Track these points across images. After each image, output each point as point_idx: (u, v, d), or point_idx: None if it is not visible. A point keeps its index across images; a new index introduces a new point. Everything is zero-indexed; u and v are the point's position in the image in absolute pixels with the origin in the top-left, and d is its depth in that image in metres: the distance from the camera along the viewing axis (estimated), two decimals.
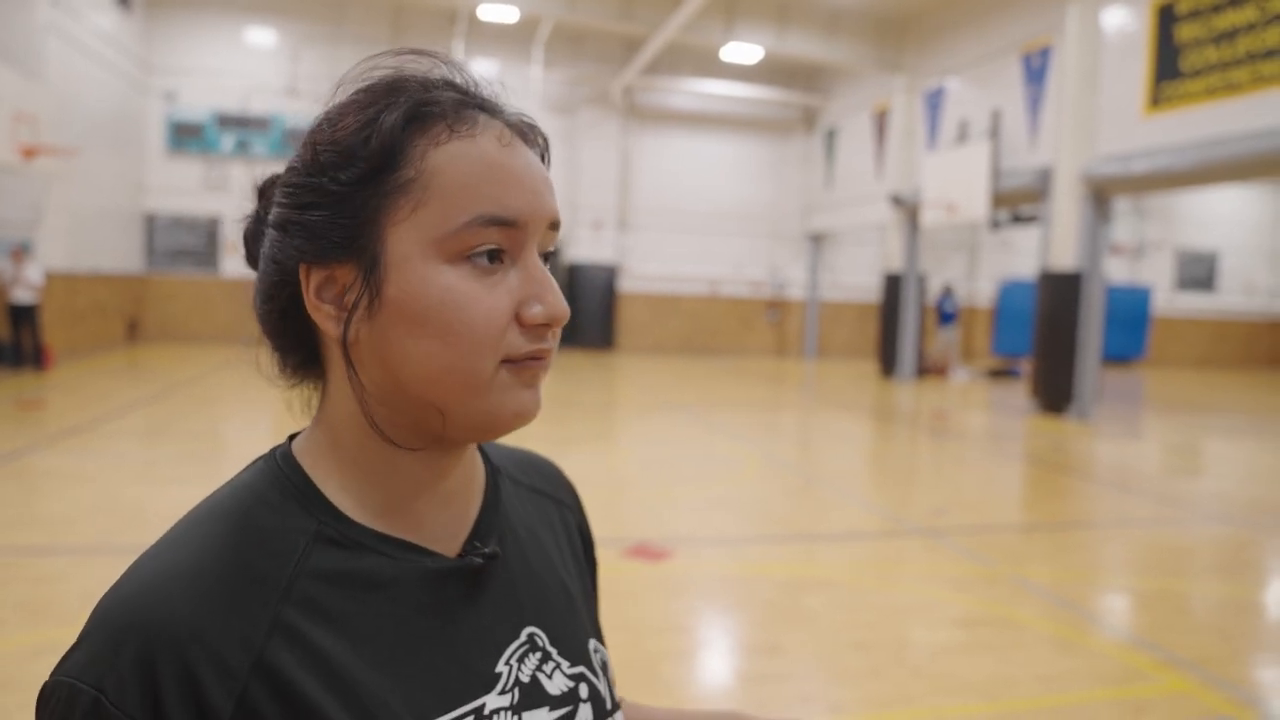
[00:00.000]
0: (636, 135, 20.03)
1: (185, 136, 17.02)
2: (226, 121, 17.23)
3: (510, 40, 18.52)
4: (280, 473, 0.65)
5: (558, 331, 0.66)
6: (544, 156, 0.70)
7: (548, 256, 0.67)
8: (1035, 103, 13.28)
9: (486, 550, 0.69)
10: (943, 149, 15.32)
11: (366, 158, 0.62)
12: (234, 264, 17.53)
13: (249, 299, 0.68)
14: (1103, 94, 11.85)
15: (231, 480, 0.67)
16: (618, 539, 5.46)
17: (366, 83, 0.66)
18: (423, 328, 0.61)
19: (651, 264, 20.37)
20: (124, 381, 11.87)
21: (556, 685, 0.71)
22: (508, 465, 0.81)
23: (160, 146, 17.09)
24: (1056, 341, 12.11)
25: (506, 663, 0.68)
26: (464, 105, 0.65)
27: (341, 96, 0.66)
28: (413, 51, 0.67)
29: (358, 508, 0.65)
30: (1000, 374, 17.69)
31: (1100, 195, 11.97)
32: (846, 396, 13.96)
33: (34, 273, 11.87)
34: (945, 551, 5.54)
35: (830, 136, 19.99)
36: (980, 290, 22.37)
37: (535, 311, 0.63)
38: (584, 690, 0.73)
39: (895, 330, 16.51)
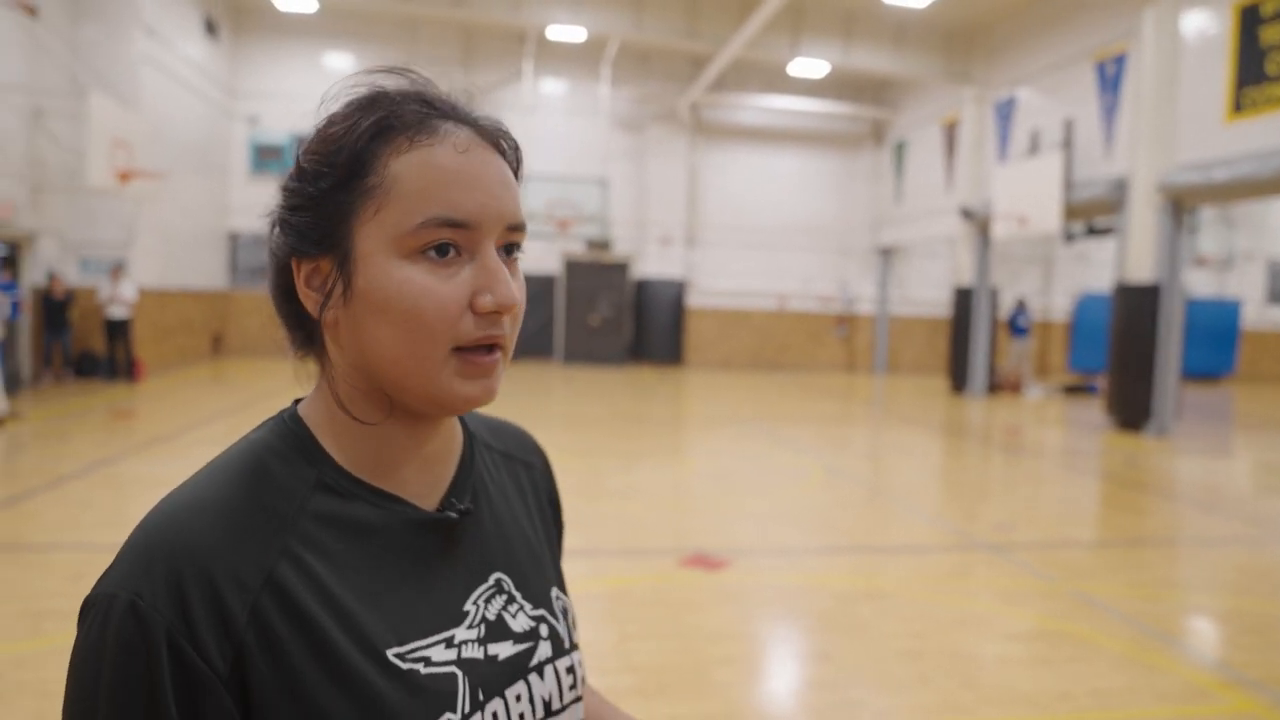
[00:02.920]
0: (704, 151, 20.13)
1: (266, 158, 17.70)
2: None
3: (579, 59, 18.82)
4: (288, 429, 0.76)
5: (517, 319, 0.74)
6: (513, 162, 0.77)
7: (513, 250, 0.75)
8: (1110, 111, 12.98)
9: (461, 506, 0.79)
10: (1014, 160, 15.05)
11: (339, 167, 0.71)
12: None
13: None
14: (1181, 101, 11.53)
15: (246, 435, 0.77)
16: (676, 549, 5.52)
17: (346, 100, 0.74)
18: (384, 315, 0.70)
19: (720, 279, 20.40)
20: (209, 393, 12.38)
21: (519, 624, 0.80)
22: (483, 432, 0.91)
23: (243, 168, 17.80)
24: (1133, 356, 11.78)
25: (474, 602, 0.78)
26: (428, 117, 0.72)
27: (325, 112, 0.74)
28: (389, 69, 0.75)
29: (351, 463, 0.75)
30: (1076, 390, 17.24)
31: (1179, 205, 11.63)
32: (915, 412, 13.77)
33: (128, 289, 12.48)
34: (1006, 566, 5.46)
35: (899, 149, 19.80)
36: (1056, 305, 21.84)
37: (485, 300, 0.70)
38: (544, 630, 0.82)
39: (966, 345, 16.23)
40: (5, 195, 11.24)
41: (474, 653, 0.75)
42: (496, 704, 0.75)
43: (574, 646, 0.85)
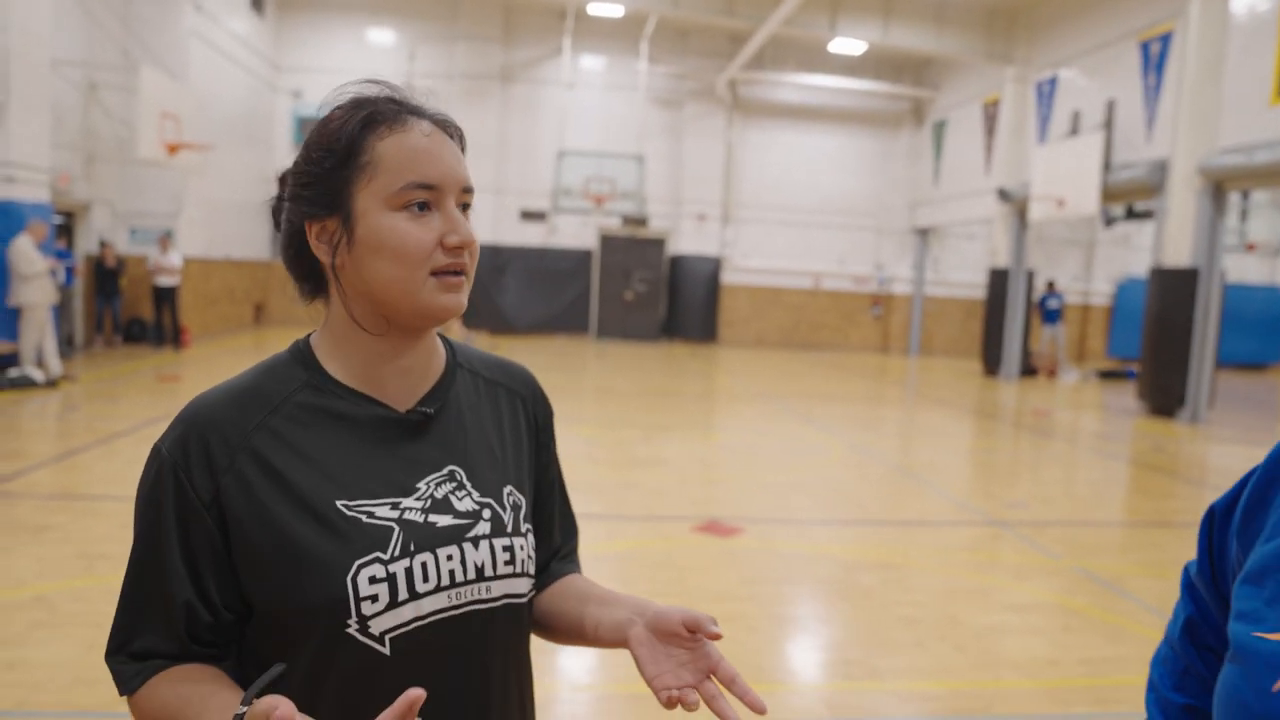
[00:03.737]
0: (741, 129, 20.12)
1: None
2: None
3: (617, 36, 18.88)
4: (296, 348, 1.02)
5: (474, 255, 0.98)
6: (460, 143, 1.02)
7: (466, 207, 1.00)
8: (1153, 92, 12.80)
9: (426, 410, 1.01)
10: (1053, 141, 14.90)
11: (339, 151, 0.96)
12: None
13: None
14: (1226, 82, 11.35)
15: (272, 356, 1.04)
16: (692, 516, 5.70)
17: (338, 102, 0.99)
18: (379, 253, 0.94)
19: (755, 257, 20.44)
20: (249, 360, 12.64)
21: (464, 505, 1.00)
22: (476, 364, 1.12)
23: (287, 141, 18.16)
24: (1168, 341, 11.69)
25: (426, 483, 0.99)
26: (400, 112, 0.98)
27: (322, 112, 0.99)
28: (366, 81, 1.01)
29: (340, 372, 1.00)
30: (1112, 375, 17.08)
31: (1219, 188, 11.48)
32: (945, 393, 13.79)
33: (174, 258, 12.88)
34: (1013, 542, 5.57)
35: (939, 129, 19.63)
36: (1097, 289, 21.57)
37: (452, 238, 0.96)
38: (487, 513, 1.02)
39: (1000, 328, 16.16)
40: (62, 166, 11.65)
41: (414, 517, 0.96)
42: (426, 556, 0.96)
43: (518, 533, 1.03)
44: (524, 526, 1.06)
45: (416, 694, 0.78)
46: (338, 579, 0.91)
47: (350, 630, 0.92)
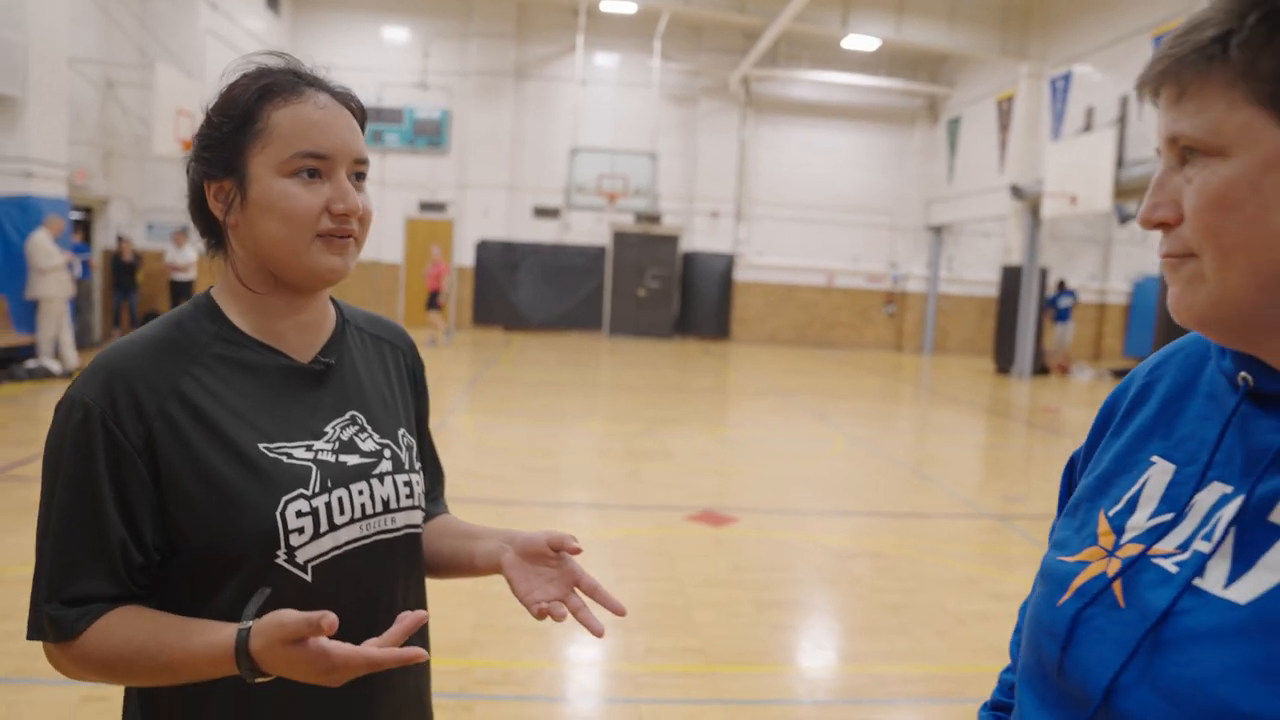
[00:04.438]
0: (754, 125, 20.12)
1: None
2: None
3: (630, 33, 18.93)
4: (201, 302, 1.08)
5: (364, 222, 1.05)
6: (359, 117, 1.08)
7: (360, 177, 1.06)
8: None
9: (326, 360, 1.10)
10: (1067, 138, 14.82)
11: (236, 117, 1.02)
12: (367, 249, 18.61)
13: (379, 281, 1.10)
14: None
15: (174, 308, 1.08)
16: (687, 506, 5.74)
17: (241, 72, 1.04)
18: (270, 214, 1.01)
19: (768, 254, 20.43)
20: None
21: (367, 446, 1.10)
22: (359, 320, 1.21)
23: None
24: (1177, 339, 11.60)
25: (332, 427, 1.08)
26: (299, 84, 1.03)
27: (227, 80, 1.04)
28: (270, 53, 1.07)
29: (245, 325, 1.07)
30: (1126, 374, 16.96)
31: None
32: (955, 390, 13.76)
33: (189, 253, 13.05)
34: (1007, 534, 5.58)
35: (953, 126, 19.56)
36: (1114, 287, 21.41)
37: (338, 206, 1.02)
38: (387, 453, 1.12)
39: (1013, 325, 16.08)
40: (79, 162, 11.83)
41: (327, 458, 1.05)
42: (341, 492, 1.05)
43: (413, 470, 1.15)
44: (416, 465, 1.16)
45: (331, 619, 0.86)
46: (268, 514, 0.99)
47: (279, 560, 0.99)
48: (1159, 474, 0.74)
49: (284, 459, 1.02)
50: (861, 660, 3.57)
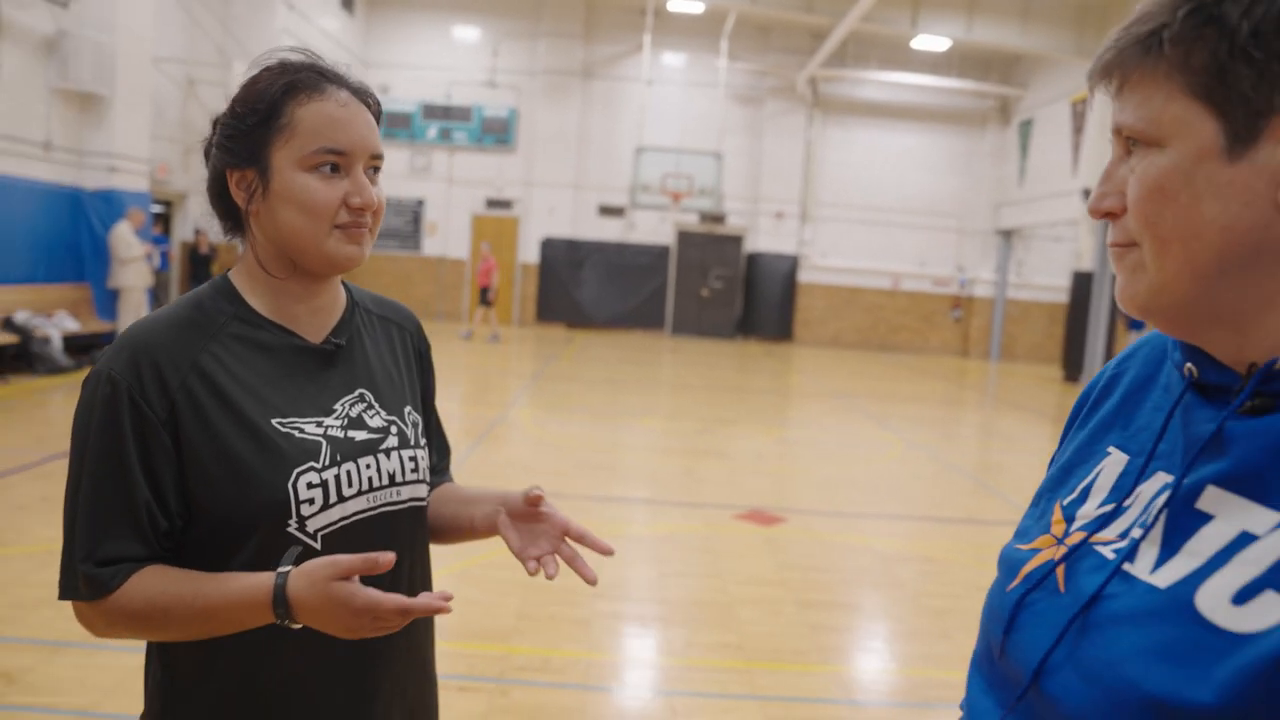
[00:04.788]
0: (821, 126, 19.94)
1: (395, 126, 18.57)
2: (431, 112, 18.68)
3: (697, 32, 18.92)
4: (219, 284, 1.14)
5: (378, 216, 1.11)
6: (376, 112, 1.13)
7: (376, 171, 1.12)
8: None
9: (337, 341, 1.15)
10: None
11: (260, 111, 1.07)
12: (434, 244, 18.98)
13: (445, 276, 1.16)
14: None
15: (195, 289, 1.14)
16: (736, 505, 5.75)
17: (264, 65, 1.09)
18: (289, 206, 1.07)
19: (833, 256, 20.23)
20: None
21: (374, 422, 1.15)
22: (368, 303, 1.26)
23: None
24: None
25: (342, 404, 1.13)
26: (321, 80, 1.08)
27: (252, 72, 1.10)
28: (292, 49, 1.11)
29: (261, 306, 1.12)
30: None
31: None
32: (1021, 398, 13.46)
33: None
34: None
35: (1025, 128, 19.11)
36: None
37: (355, 200, 1.07)
38: (394, 429, 1.17)
39: (1083, 332, 15.67)
40: (161, 157, 12.30)
41: (337, 433, 1.11)
42: (350, 465, 1.10)
43: (418, 445, 1.20)
44: (421, 440, 1.22)
45: (389, 556, 0.94)
46: (280, 486, 1.05)
47: (290, 529, 1.05)
48: (1113, 464, 0.75)
49: (295, 434, 1.07)
50: (900, 663, 3.54)
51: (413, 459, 1.18)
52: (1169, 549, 0.63)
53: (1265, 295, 0.63)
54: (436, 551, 1.32)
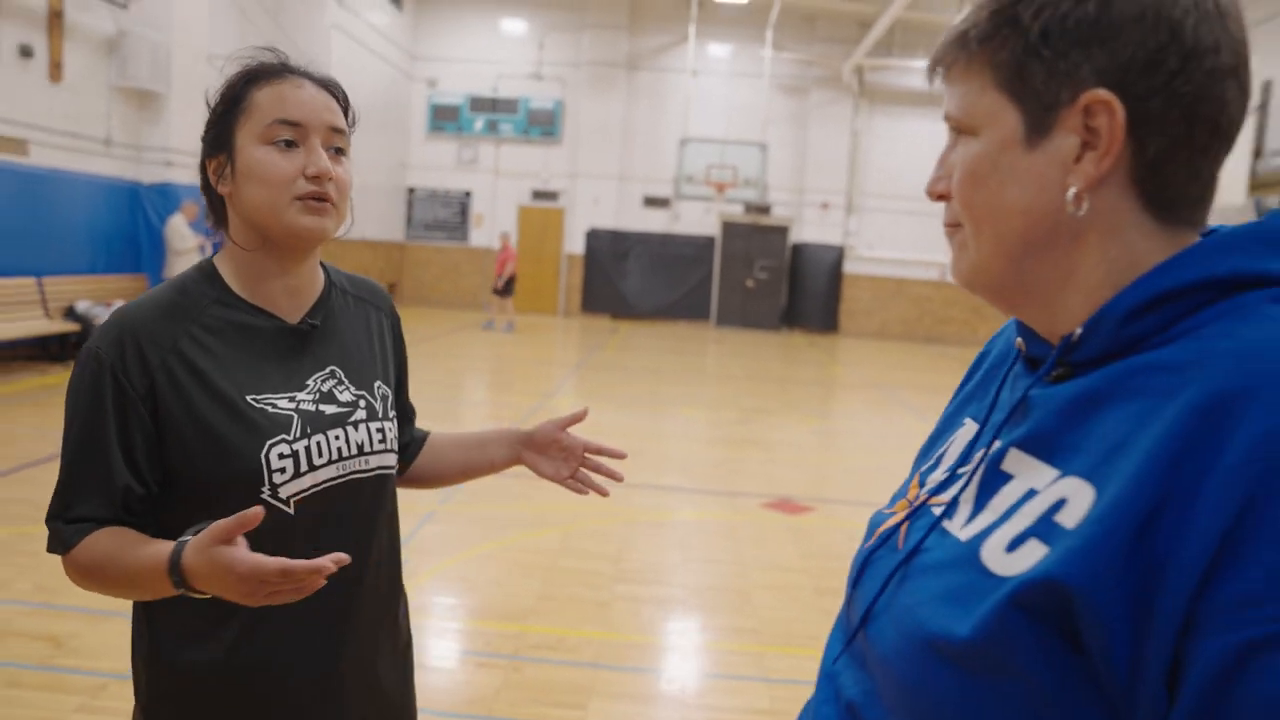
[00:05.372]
0: (867, 116, 19.75)
1: (443, 119, 18.84)
2: (479, 104, 18.90)
3: (742, 23, 18.86)
4: (205, 269, 1.23)
5: (341, 188, 1.18)
6: (343, 103, 1.22)
7: (339, 151, 1.19)
8: None
9: (312, 321, 1.24)
10: None
11: (226, 99, 1.18)
12: (481, 235, 19.22)
13: (492, 267, 1.31)
14: None
15: (182, 272, 1.24)
16: (766, 494, 5.80)
17: (237, 62, 1.20)
18: (252, 179, 1.15)
19: (879, 247, 20.04)
20: None
21: (344, 397, 1.25)
22: (344, 283, 1.35)
23: (421, 128, 19.02)
24: None
25: (314, 379, 1.23)
26: (283, 71, 1.19)
27: (226, 73, 1.20)
28: (264, 49, 1.21)
29: (241, 289, 1.21)
30: None
31: None
32: None
33: None
34: None
35: None
36: None
37: (310, 169, 1.15)
38: (363, 403, 1.27)
39: None
40: None
41: (308, 407, 1.21)
42: (320, 438, 1.20)
43: (386, 418, 1.30)
44: (390, 413, 1.31)
45: (257, 511, 0.97)
46: (254, 456, 1.14)
47: (264, 496, 1.15)
48: (965, 433, 0.81)
49: (269, 408, 1.17)
50: None
51: (380, 430, 1.27)
52: (978, 507, 0.69)
53: (1064, 273, 0.69)
54: (469, 534, 1.47)
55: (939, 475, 0.79)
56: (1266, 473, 0.51)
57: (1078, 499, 0.59)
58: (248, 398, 1.16)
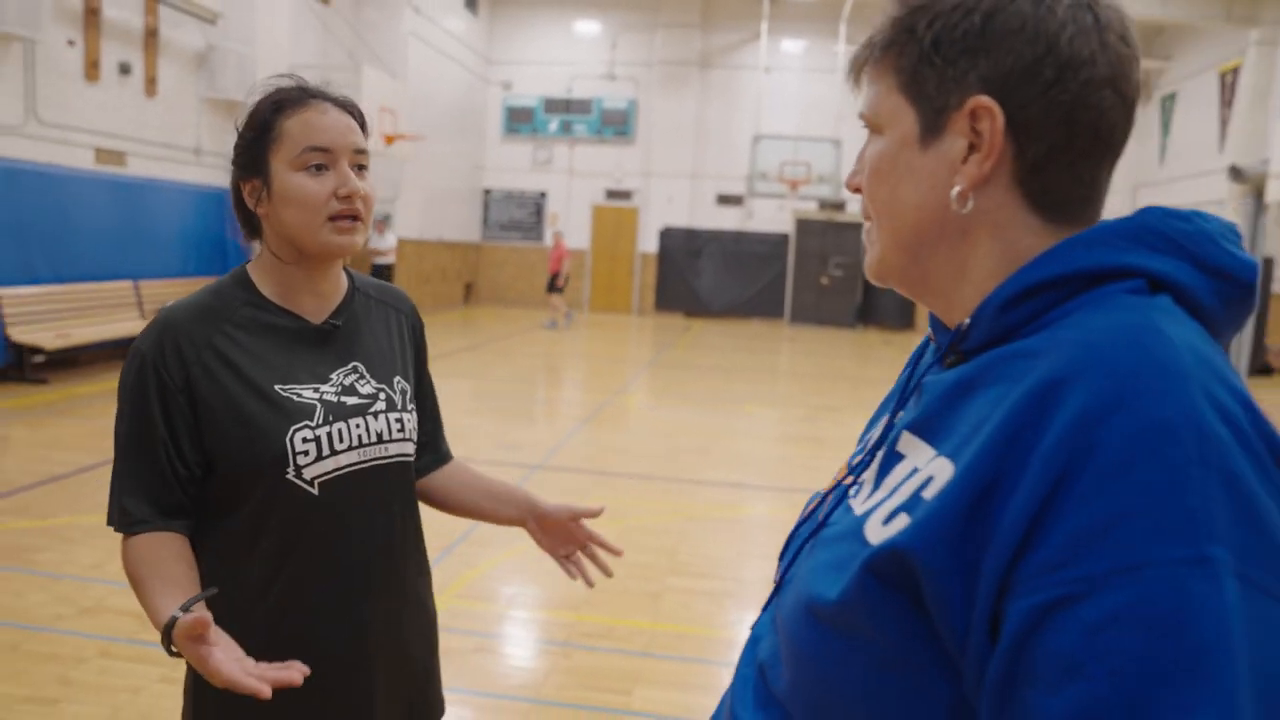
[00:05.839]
0: None
1: (517, 121, 19.18)
2: (553, 106, 19.18)
3: (815, 18, 18.71)
4: (239, 275, 1.36)
5: (368, 203, 1.30)
6: (359, 120, 1.33)
7: (361, 168, 1.30)
8: None
9: (335, 322, 1.36)
10: None
11: (257, 128, 1.29)
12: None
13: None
14: None
15: (219, 279, 1.37)
16: (798, 489, 5.79)
17: (261, 92, 1.31)
18: (288, 204, 1.27)
19: None
20: (453, 334, 13.88)
21: (365, 389, 1.36)
22: (369, 288, 1.47)
23: (497, 130, 19.39)
24: None
25: (336, 373, 1.34)
26: (304, 96, 1.29)
27: (251, 100, 1.31)
28: (283, 75, 1.33)
29: (270, 293, 1.34)
30: None
31: None
32: None
33: (389, 239, 14.20)
34: None
35: (1167, 103, 18.05)
36: None
37: (342, 190, 1.27)
38: (382, 395, 1.37)
39: None
40: None
41: (331, 398, 1.32)
42: (340, 425, 1.31)
43: (405, 409, 1.40)
44: (410, 405, 1.42)
45: (303, 668, 1.06)
46: (279, 439, 1.26)
47: (289, 476, 1.27)
48: (884, 419, 0.87)
49: (294, 397, 1.29)
50: None
51: (398, 420, 1.38)
52: (875, 485, 0.75)
53: (957, 267, 0.74)
54: (518, 530, 1.55)
55: (860, 457, 0.85)
56: (1077, 450, 0.56)
57: (940, 476, 0.64)
58: (276, 386, 1.28)
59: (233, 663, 1.05)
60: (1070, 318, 0.66)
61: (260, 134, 1.28)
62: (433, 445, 1.56)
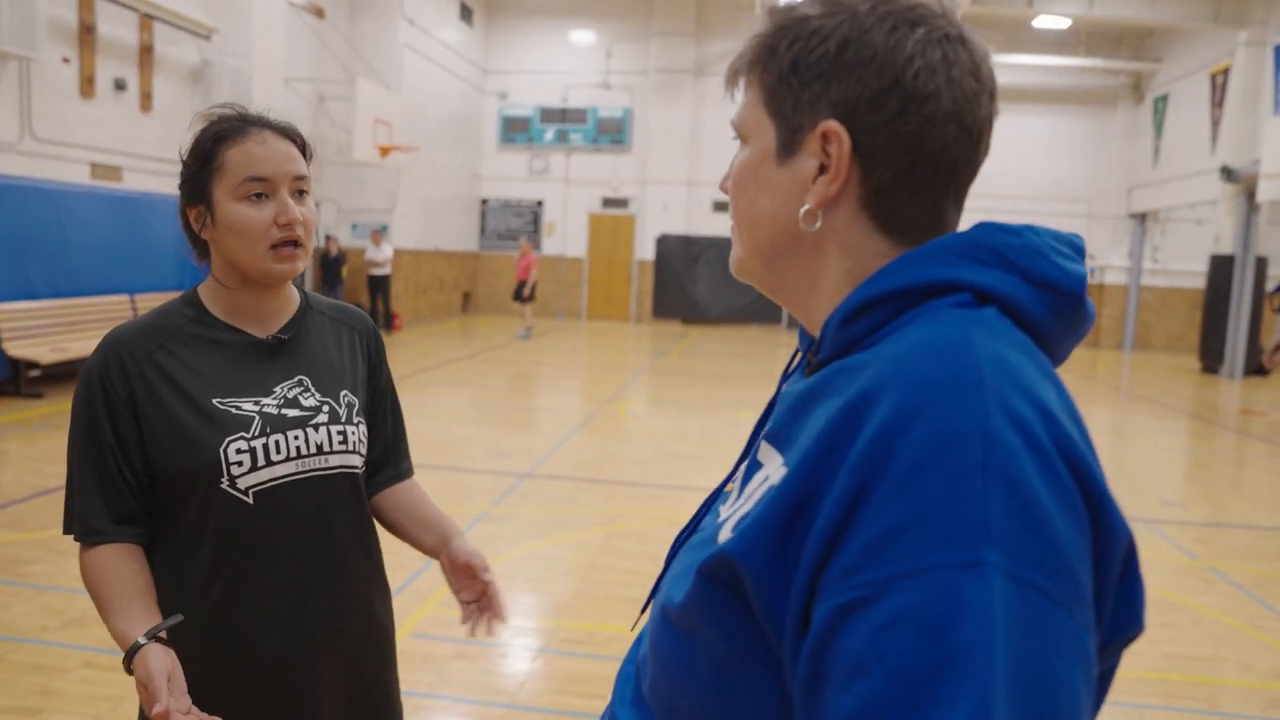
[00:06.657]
0: None
1: (513, 130, 19.27)
2: (548, 115, 19.27)
3: None
4: (187, 296, 1.42)
5: (308, 228, 1.35)
6: (300, 145, 1.38)
7: (302, 193, 1.36)
8: None
9: (281, 335, 1.41)
10: None
11: (200, 158, 1.35)
12: (553, 243, 19.57)
13: (564, 275, 1.45)
14: None
15: (168, 300, 1.42)
16: None
17: (203, 121, 1.37)
18: (230, 232, 1.33)
19: None
20: (450, 343, 13.95)
21: (309, 402, 1.41)
22: (324, 308, 1.52)
23: (493, 140, 19.48)
24: None
25: (280, 386, 1.39)
26: (245, 125, 1.35)
27: (194, 130, 1.37)
28: (224, 106, 1.38)
29: (218, 311, 1.39)
30: None
31: None
32: (1153, 391, 12.85)
33: (385, 250, 14.27)
34: (1154, 540, 5.32)
35: (1160, 104, 18.10)
36: None
37: (282, 218, 1.32)
38: (326, 408, 1.42)
39: (1223, 321, 14.76)
40: None
41: (271, 410, 1.37)
42: (279, 436, 1.36)
43: (350, 422, 1.44)
44: (356, 419, 1.46)
45: (160, 707, 1.14)
46: (214, 450, 1.32)
47: (223, 486, 1.33)
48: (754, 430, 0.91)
49: (232, 410, 1.34)
50: None
51: (341, 433, 1.42)
52: (739, 493, 0.77)
53: (811, 280, 0.77)
54: (516, 533, 1.62)
55: (742, 466, 0.90)
56: (879, 460, 0.59)
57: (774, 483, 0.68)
58: (214, 400, 1.33)
59: (175, 714, 1.14)
60: (899, 332, 0.68)
61: (203, 164, 1.33)
62: (392, 461, 1.59)
